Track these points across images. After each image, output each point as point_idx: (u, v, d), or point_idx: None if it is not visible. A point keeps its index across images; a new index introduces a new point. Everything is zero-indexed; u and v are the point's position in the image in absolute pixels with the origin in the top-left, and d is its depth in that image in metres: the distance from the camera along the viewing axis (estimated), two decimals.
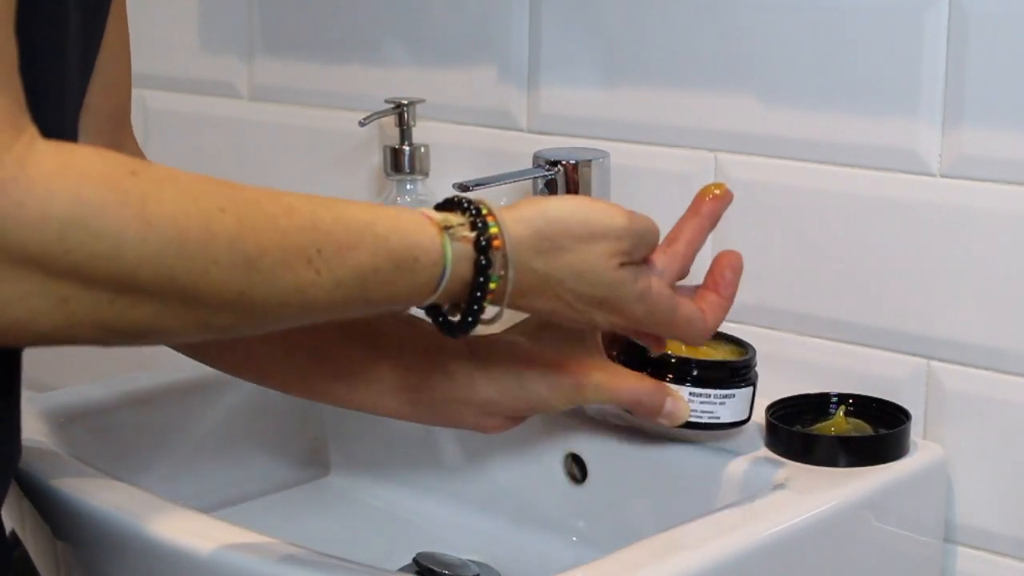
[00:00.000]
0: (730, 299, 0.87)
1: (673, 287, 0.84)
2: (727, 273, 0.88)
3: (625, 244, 0.78)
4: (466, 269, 0.72)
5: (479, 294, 0.73)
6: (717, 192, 0.88)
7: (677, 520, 0.85)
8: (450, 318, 0.75)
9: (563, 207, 0.77)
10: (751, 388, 0.94)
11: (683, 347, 0.97)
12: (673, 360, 0.93)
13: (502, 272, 0.73)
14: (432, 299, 0.72)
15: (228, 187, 0.65)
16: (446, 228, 0.72)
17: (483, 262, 0.72)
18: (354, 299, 0.68)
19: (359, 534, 1.08)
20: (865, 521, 0.90)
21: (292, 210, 0.66)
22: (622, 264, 0.78)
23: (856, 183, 1.00)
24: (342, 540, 1.06)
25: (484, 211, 0.73)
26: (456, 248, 0.72)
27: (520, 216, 0.75)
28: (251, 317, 0.65)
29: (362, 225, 0.68)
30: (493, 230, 0.73)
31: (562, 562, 0.99)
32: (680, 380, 0.92)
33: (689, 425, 0.91)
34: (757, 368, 0.95)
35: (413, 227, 0.71)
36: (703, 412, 0.92)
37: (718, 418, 0.92)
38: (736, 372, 0.93)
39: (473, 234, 0.72)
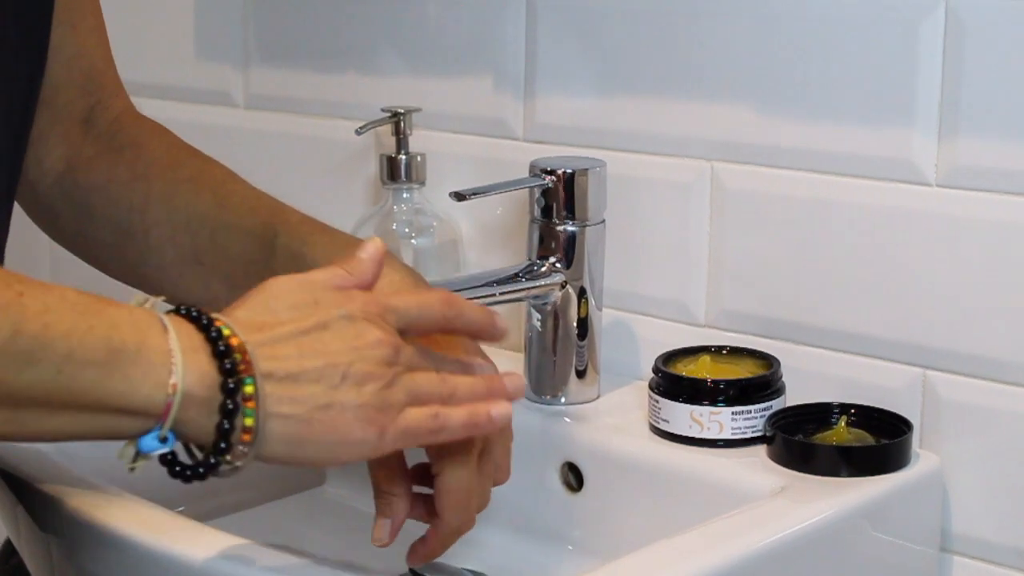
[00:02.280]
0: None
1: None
2: None
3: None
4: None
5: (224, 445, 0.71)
6: None
7: (674, 529, 0.85)
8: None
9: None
10: (783, 397, 0.98)
11: (706, 371, 0.99)
12: (709, 384, 0.97)
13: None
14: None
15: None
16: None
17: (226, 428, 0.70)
18: None
19: (354, 544, 1.08)
20: (862, 530, 0.90)
21: None
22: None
23: (852, 193, 1.00)
24: (337, 549, 1.06)
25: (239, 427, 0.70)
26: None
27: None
28: None
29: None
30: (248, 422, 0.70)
31: (559, 571, 0.99)
32: (719, 402, 0.96)
33: (738, 443, 0.96)
34: None
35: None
36: (747, 427, 0.96)
37: (761, 431, 0.97)
38: (768, 384, 0.98)
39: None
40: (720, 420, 0.96)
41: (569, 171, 1.03)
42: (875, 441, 0.95)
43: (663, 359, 1.01)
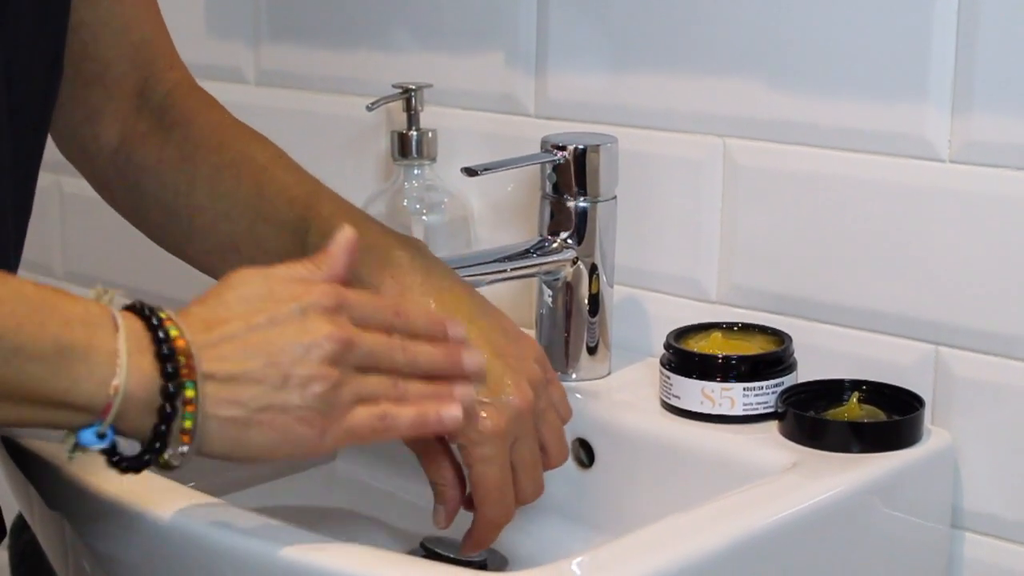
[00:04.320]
0: None
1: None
2: None
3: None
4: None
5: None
6: None
7: (685, 505, 0.85)
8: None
9: None
10: (795, 373, 0.98)
11: (717, 347, 0.99)
12: (721, 360, 0.97)
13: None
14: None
15: None
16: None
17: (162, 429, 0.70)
18: None
19: (367, 519, 1.08)
20: (873, 507, 0.90)
21: None
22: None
23: (865, 169, 1.00)
24: (349, 525, 1.06)
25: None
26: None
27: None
28: None
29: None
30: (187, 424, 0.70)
31: (569, 547, 0.99)
32: (731, 378, 0.96)
33: (750, 419, 0.96)
34: None
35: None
36: (758, 403, 0.96)
37: (772, 407, 0.96)
38: (780, 361, 0.98)
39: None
40: (732, 396, 0.96)
41: (581, 147, 1.03)
42: (887, 417, 0.95)
43: (674, 335, 1.01)
